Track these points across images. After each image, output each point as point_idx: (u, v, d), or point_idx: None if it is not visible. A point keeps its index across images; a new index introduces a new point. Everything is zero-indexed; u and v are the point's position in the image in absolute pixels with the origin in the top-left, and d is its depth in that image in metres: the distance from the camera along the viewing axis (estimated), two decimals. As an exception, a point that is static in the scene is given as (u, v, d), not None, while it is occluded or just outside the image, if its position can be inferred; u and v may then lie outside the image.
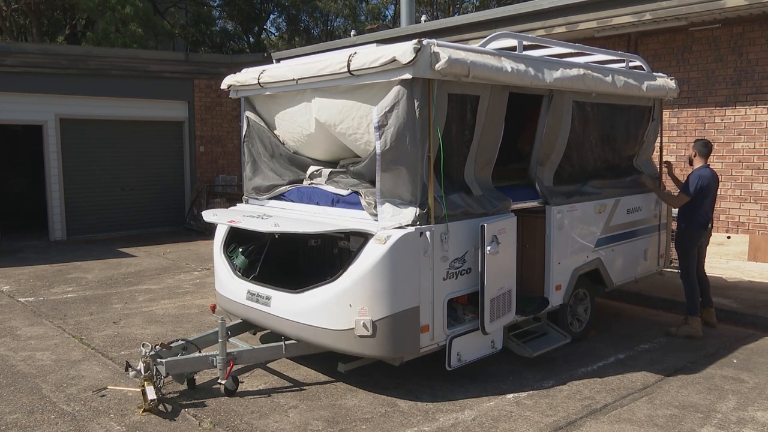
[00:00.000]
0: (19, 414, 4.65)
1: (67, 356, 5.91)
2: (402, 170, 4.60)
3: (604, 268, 6.45)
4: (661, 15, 9.03)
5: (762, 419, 4.56)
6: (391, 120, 4.52)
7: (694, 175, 6.50)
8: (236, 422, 4.50)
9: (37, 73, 12.31)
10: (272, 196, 5.92)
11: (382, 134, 4.56)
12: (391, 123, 4.52)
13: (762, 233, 9.07)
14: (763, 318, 6.84)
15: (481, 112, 5.05)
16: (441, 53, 4.46)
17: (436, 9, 29.58)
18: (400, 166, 4.59)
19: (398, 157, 4.57)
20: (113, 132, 13.45)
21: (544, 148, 5.76)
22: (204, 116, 14.81)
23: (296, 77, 5.24)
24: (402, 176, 4.62)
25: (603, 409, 4.71)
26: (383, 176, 4.65)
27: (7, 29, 21.92)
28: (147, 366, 4.61)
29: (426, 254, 4.66)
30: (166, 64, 14.09)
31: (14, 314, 7.38)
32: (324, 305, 4.81)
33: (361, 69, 4.66)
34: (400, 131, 4.51)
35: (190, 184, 14.65)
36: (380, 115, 4.55)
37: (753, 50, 9.00)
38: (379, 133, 4.57)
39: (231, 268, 5.79)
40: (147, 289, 8.62)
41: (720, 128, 9.41)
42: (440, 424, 4.46)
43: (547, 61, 5.51)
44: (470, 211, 5.00)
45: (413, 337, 4.68)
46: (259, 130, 6.04)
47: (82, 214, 13.16)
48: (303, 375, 5.40)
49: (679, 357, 5.87)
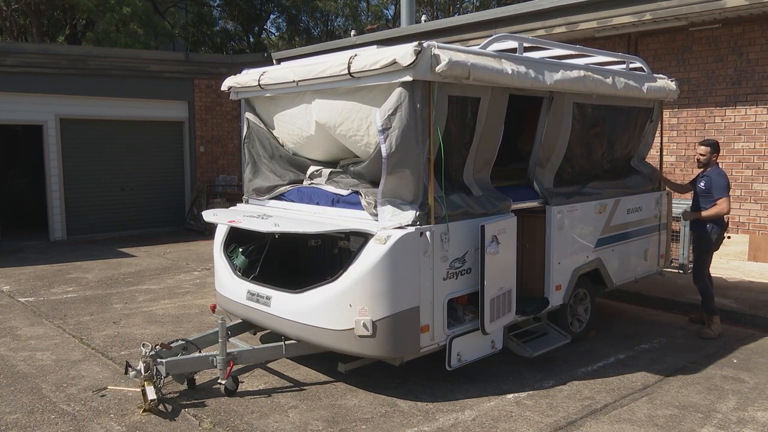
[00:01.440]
0: (19, 414, 4.65)
1: (67, 356, 5.91)
2: (406, 172, 4.61)
3: (604, 268, 6.45)
4: (661, 15, 9.03)
5: (762, 419, 4.56)
6: (395, 123, 4.52)
7: (720, 175, 6.43)
8: (236, 422, 4.50)
9: (37, 73, 12.31)
10: (272, 196, 5.92)
11: (386, 137, 4.56)
12: (395, 126, 4.52)
13: (762, 233, 9.08)
14: (763, 318, 6.85)
15: (482, 114, 5.05)
16: (441, 55, 4.46)
17: (436, 9, 29.59)
18: (404, 168, 4.60)
19: (403, 159, 4.58)
20: (113, 132, 13.46)
21: (544, 150, 5.76)
22: (204, 116, 14.81)
23: (296, 79, 5.24)
24: (406, 178, 4.63)
25: (603, 409, 4.72)
26: (388, 178, 4.65)
27: (7, 29, 21.92)
28: (147, 366, 4.62)
29: (426, 254, 4.66)
30: (166, 64, 14.09)
31: (14, 314, 7.38)
32: (324, 305, 4.81)
33: (362, 71, 4.66)
34: (404, 133, 4.51)
35: (190, 184, 14.65)
36: (384, 118, 4.55)
37: (753, 50, 9.01)
38: (383, 136, 4.56)
39: (231, 268, 5.79)
40: (147, 289, 8.62)
41: (720, 128, 9.41)
42: (440, 424, 4.47)
43: (548, 63, 5.51)
44: (470, 212, 5.00)
45: (413, 337, 4.68)
46: (258, 131, 6.04)
47: (83, 214, 13.16)
48: (303, 375, 5.40)
49: (679, 357, 5.87)
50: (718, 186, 6.35)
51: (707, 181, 6.44)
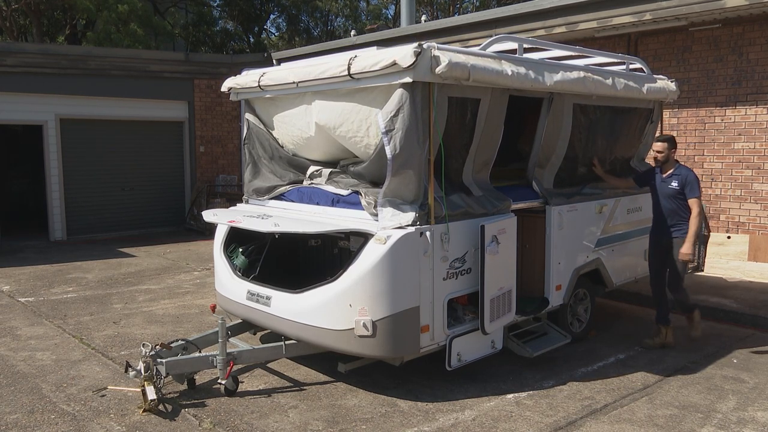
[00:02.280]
0: (19, 414, 4.65)
1: (67, 356, 5.91)
2: (410, 173, 4.62)
3: (604, 268, 6.45)
4: (661, 15, 9.03)
5: (762, 419, 4.56)
6: (398, 124, 4.52)
7: (691, 170, 6.05)
8: (236, 422, 4.50)
9: (37, 73, 12.31)
10: (272, 196, 5.93)
11: (390, 139, 4.55)
12: (398, 127, 4.52)
13: (762, 233, 9.08)
14: (763, 318, 6.85)
15: (481, 114, 5.06)
16: (441, 57, 4.46)
17: (436, 9, 29.60)
18: (408, 169, 4.60)
19: (407, 160, 4.58)
20: (113, 132, 13.46)
21: (544, 150, 5.77)
22: (204, 116, 14.81)
23: (296, 80, 5.24)
24: (409, 178, 4.64)
25: (603, 409, 4.72)
26: (393, 180, 4.64)
27: (7, 29, 21.93)
28: (147, 366, 4.62)
29: (426, 254, 4.66)
30: (166, 64, 14.09)
31: (14, 314, 7.38)
32: (324, 305, 4.82)
33: (362, 72, 4.66)
34: (407, 135, 4.51)
35: (191, 184, 14.65)
36: (386, 120, 4.54)
37: (753, 50, 9.01)
38: (387, 137, 4.55)
39: (231, 268, 5.79)
40: (147, 289, 8.62)
41: (720, 128, 9.41)
42: (440, 424, 4.47)
43: (548, 64, 5.51)
44: (470, 211, 5.01)
45: (413, 337, 4.68)
46: (258, 132, 6.05)
47: (83, 214, 13.16)
48: (303, 375, 5.40)
49: (679, 357, 5.87)
50: (693, 184, 5.91)
51: (680, 179, 5.95)
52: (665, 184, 6.05)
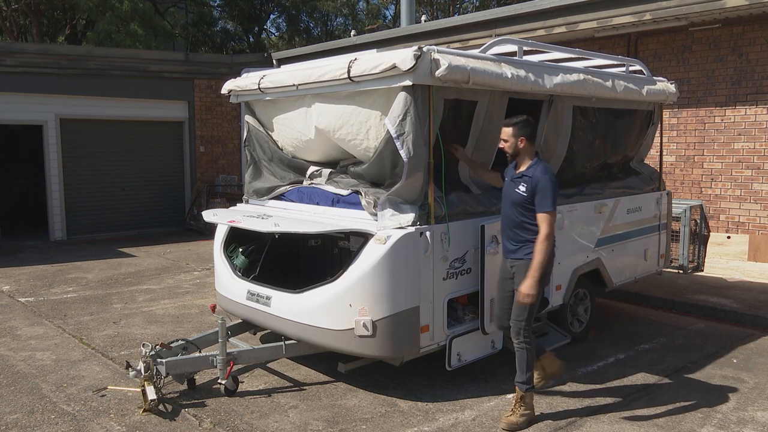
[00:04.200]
0: (19, 414, 4.66)
1: (67, 356, 5.91)
2: (420, 174, 4.63)
3: (604, 268, 6.45)
4: (661, 15, 9.04)
5: (762, 419, 4.56)
6: (407, 127, 4.50)
7: (546, 172, 4.31)
8: (236, 422, 4.50)
9: (37, 73, 12.31)
10: (272, 196, 5.93)
11: (403, 143, 4.52)
12: (408, 130, 4.50)
13: (762, 233, 9.08)
14: (763, 318, 6.85)
15: (481, 116, 5.06)
16: (441, 60, 4.46)
17: (436, 9, 29.61)
18: (420, 170, 4.61)
19: (418, 162, 4.58)
20: (113, 132, 13.46)
21: (544, 152, 5.76)
22: (204, 116, 14.82)
23: (296, 83, 5.24)
24: (419, 180, 4.65)
25: (603, 409, 4.72)
26: (406, 182, 4.61)
27: (7, 29, 21.94)
28: (147, 366, 4.62)
29: (426, 254, 4.67)
30: (166, 64, 14.10)
31: (14, 314, 7.39)
32: (324, 305, 4.82)
33: (362, 75, 4.65)
34: (416, 137, 4.51)
35: (191, 184, 14.65)
36: (395, 125, 4.52)
37: (753, 50, 9.01)
38: (400, 142, 4.52)
39: (231, 268, 5.79)
40: (147, 289, 8.63)
41: (720, 128, 9.42)
42: (440, 424, 4.47)
43: (548, 67, 5.50)
44: (470, 210, 5.01)
45: (413, 337, 4.68)
46: (258, 134, 6.05)
47: (83, 214, 13.17)
48: (303, 375, 5.40)
49: (679, 357, 5.87)
50: (545, 192, 4.23)
51: (529, 183, 4.32)
52: (513, 185, 4.47)
